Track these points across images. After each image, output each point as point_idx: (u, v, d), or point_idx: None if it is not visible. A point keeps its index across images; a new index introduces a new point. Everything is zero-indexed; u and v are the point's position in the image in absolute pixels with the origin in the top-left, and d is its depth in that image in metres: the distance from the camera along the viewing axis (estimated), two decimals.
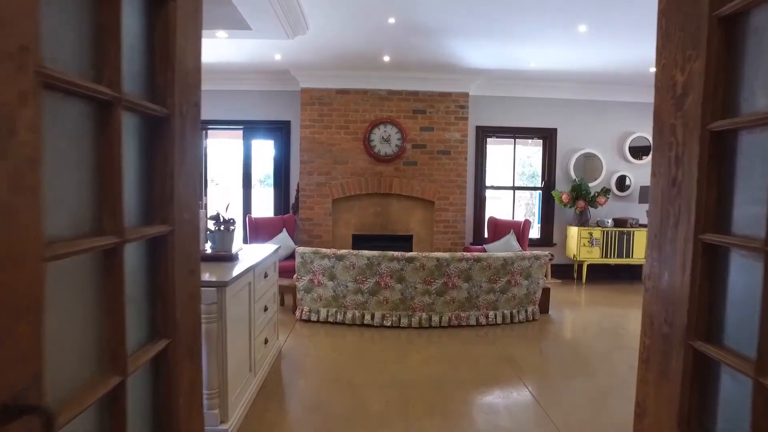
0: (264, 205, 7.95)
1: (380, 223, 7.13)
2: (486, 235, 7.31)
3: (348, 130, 6.95)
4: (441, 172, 7.03)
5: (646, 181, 7.41)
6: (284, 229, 6.68)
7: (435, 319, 4.80)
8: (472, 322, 4.85)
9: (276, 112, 7.24)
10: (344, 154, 6.96)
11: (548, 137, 7.41)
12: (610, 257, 7.02)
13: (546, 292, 5.30)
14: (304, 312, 4.92)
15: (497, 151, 8.65)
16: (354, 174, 6.99)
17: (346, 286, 4.80)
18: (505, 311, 4.97)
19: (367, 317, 4.80)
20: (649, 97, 6.35)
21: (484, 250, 6.80)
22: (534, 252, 4.99)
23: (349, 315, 4.82)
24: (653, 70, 4.77)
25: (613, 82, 7.01)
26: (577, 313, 5.70)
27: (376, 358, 4.03)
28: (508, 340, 4.53)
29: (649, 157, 7.37)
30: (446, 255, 4.74)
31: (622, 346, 4.45)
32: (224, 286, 2.54)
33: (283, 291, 5.41)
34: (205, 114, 7.29)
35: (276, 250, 3.89)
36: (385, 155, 6.91)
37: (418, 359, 4.00)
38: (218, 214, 3.23)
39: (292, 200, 7.31)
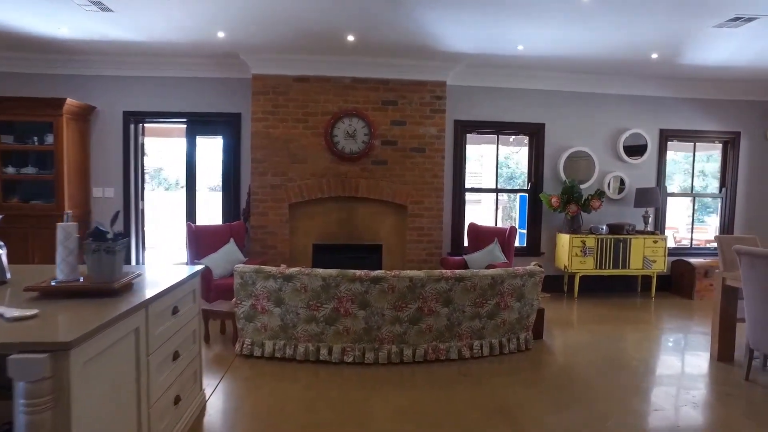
0: (213, 212, 6.91)
1: (345, 232, 6.19)
2: (466, 244, 6.45)
3: (307, 124, 6.00)
4: (415, 172, 6.14)
5: (642, 182, 6.68)
6: (231, 239, 5.68)
7: (407, 352, 3.88)
8: (453, 355, 3.96)
9: (224, 102, 6.23)
10: (303, 151, 6.00)
11: (535, 133, 6.60)
12: (605, 268, 6.23)
13: (540, 313, 4.45)
14: (245, 345, 3.94)
15: (474, 151, 7.82)
16: (314, 175, 6.03)
17: (297, 314, 3.84)
18: (493, 340, 4.09)
19: (323, 352, 3.85)
20: (645, 89, 5.50)
21: (464, 261, 5.94)
22: (528, 267, 4.14)
23: (300, 349, 3.86)
24: (655, 56, 3.85)
25: (609, 71, 6.24)
26: (575, 337, 4.87)
27: (332, 412, 3.09)
28: (498, 380, 3.64)
29: (645, 156, 6.65)
30: (421, 274, 3.83)
31: (637, 385, 3.61)
32: (66, 350, 1.57)
33: (224, 317, 4.43)
34: (141, 104, 6.25)
35: (196, 273, 2.92)
36: (350, 153, 5.98)
37: (386, 414, 3.08)
38: (96, 229, 2.25)
39: (243, 205, 6.31)
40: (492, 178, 7.68)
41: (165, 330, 2.45)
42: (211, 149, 6.89)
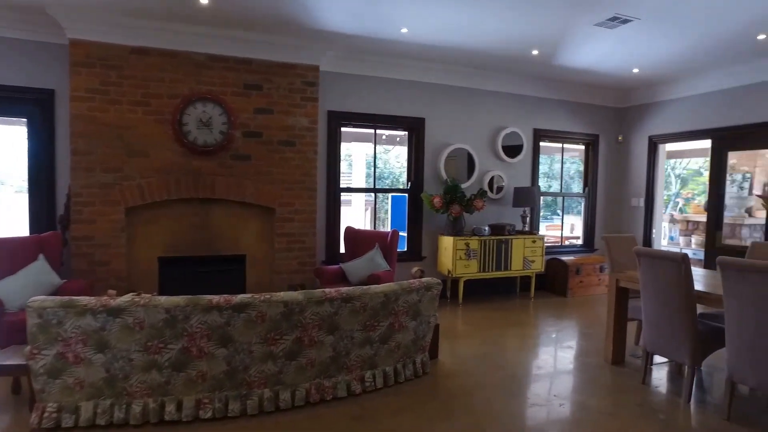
0: (20, 220, 5.29)
1: (200, 240, 5.11)
2: (342, 251, 5.76)
3: (149, 108, 4.81)
4: (283, 169, 5.29)
5: (519, 182, 6.62)
6: (41, 256, 4.29)
7: (284, 396, 3.05)
8: (342, 392, 3.22)
9: (30, 75, 4.74)
10: (143, 141, 4.80)
11: (415, 129, 6.14)
12: (488, 270, 6.00)
13: (435, 329, 3.92)
14: (47, 414, 2.76)
15: (342, 149, 7.18)
16: (159, 171, 4.86)
17: (130, 360, 2.79)
18: (387, 368, 3.44)
19: (170, 408, 2.85)
20: (522, 88, 5.02)
21: (342, 271, 5.25)
22: (424, 280, 3.56)
23: (136, 409, 2.81)
24: (536, 52, 3.32)
25: (490, 67, 6.02)
26: (469, 350, 4.43)
27: None
28: (398, 419, 2.99)
29: (521, 155, 6.59)
30: (298, 296, 3.03)
31: (547, 405, 3.23)
32: None
33: (15, 373, 3.14)
34: None
35: None
36: (204, 145, 4.92)
37: None
38: None
39: (61, 210, 4.88)
40: (362, 177, 7.13)
41: None
42: (11, 136, 5.28)
